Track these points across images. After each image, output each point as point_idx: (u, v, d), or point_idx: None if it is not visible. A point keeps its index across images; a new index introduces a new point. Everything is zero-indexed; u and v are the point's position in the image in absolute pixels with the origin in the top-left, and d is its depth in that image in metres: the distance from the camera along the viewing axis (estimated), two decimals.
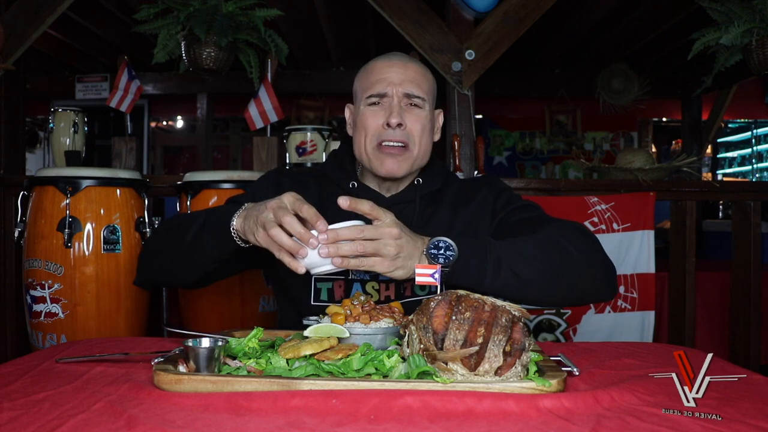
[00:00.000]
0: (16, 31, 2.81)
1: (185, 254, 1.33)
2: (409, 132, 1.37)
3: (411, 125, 1.37)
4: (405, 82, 1.37)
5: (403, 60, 1.41)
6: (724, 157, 7.77)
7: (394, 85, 1.36)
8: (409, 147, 1.37)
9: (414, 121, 1.37)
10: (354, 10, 4.08)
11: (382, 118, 1.36)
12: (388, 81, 1.37)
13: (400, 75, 1.37)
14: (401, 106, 1.37)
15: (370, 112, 1.38)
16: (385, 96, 1.37)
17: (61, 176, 2.31)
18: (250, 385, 0.89)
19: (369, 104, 1.39)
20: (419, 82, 1.38)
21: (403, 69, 1.38)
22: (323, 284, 1.41)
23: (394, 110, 1.35)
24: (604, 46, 4.91)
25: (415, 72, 1.39)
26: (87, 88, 4.96)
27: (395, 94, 1.36)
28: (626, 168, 2.88)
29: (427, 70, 1.43)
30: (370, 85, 1.39)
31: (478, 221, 1.44)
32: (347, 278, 1.40)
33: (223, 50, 2.69)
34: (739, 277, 2.94)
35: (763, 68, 2.64)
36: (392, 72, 1.37)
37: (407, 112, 1.37)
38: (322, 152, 3.12)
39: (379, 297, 1.39)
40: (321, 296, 1.41)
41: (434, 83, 1.45)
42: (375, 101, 1.38)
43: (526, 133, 7.02)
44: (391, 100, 1.37)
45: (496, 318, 0.93)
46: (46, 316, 2.28)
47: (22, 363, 1.09)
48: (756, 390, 0.96)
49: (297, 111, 6.20)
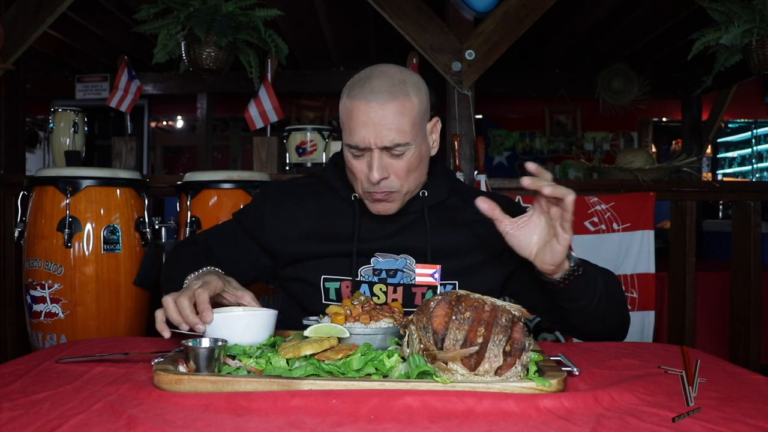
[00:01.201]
0: (16, 31, 2.81)
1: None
2: (393, 180, 1.32)
3: (395, 172, 1.31)
4: (383, 133, 1.26)
5: (383, 99, 1.26)
6: (724, 157, 7.78)
7: (372, 138, 1.27)
8: (398, 191, 1.33)
9: (397, 168, 1.31)
10: (354, 10, 4.08)
11: (365, 169, 1.31)
12: (365, 135, 1.27)
13: (378, 122, 1.26)
14: (382, 158, 1.28)
15: (353, 159, 1.33)
16: (366, 150, 1.29)
17: (61, 176, 2.31)
18: (250, 385, 0.89)
19: (351, 152, 1.32)
20: (400, 125, 1.27)
21: (382, 113, 1.26)
22: (331, 284, 1.41)
23: (374, 167, 1.27)
24: (604, 46, 4.91)
25: (393, 113, 1.26)
26: (87, 88, 4.96)
27: (375, 148, 1.27)
28: (626, 168, 2.89)
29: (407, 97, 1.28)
30: (350, 130, 1.30)
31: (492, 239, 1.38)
32: (354, 279, 1.39)
33: (223, 50, 2.69)
34: (739, 277, 2.94)
35: (763, 68, 2.64)
36: (369, 121, 1.26)
37: (390, 160, 1.29)
38: (322, 152, 3.12)
39: (386, 300, 1.39)
40: (330, 296, 1.41)
41: (421, 104, 1.32)
42: (356, 153, 1.31)
43: (526, 133, 7.02)
44: (371, 153, 1.28)
45: (496, 318, 0.93)
46: (46, 316, 2.28)
47: (22, 363, 1.09)
48: (756, 390, 0.96)
49: (297, 111, 6.20)
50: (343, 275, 1.40)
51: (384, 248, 1.40)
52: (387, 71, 1.32)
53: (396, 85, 1.28)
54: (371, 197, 1.34)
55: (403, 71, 1.34)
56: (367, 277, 1.40)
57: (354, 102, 1.28)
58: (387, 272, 1.40)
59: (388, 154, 1.29)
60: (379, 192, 1.32)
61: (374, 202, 1.35)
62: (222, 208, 2.46)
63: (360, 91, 1.28)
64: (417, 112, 1.30)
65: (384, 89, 1.27)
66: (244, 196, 2.49)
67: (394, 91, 1.27)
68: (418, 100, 1.31)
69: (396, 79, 1.30)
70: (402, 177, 1.32)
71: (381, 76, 1.30)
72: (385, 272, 1.40)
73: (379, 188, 1.31)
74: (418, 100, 1.31)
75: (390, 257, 1.40)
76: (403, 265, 1.39)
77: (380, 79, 1.29)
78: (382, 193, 1.32)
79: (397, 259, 1.40)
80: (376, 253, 1.40)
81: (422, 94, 1.33)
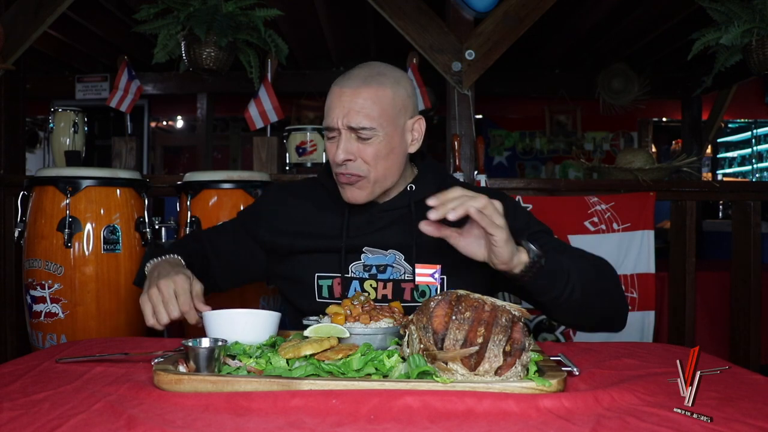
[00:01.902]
0: (16, 31, 2.81)
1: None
2: (360, 164, 1.35)
3: (361, 156, 1.35)
4: (351, 114, 1.31)
5: (356, 84, 1.33)
6: (724, 157, 7.77)
7: (340, 119, 1.33)
8: (363, 176, 1.36)
9: (365, 153, 1.34)
10: (354, 10, 4.08)
11: (335, 149, 1.35)
12: (334, 115, 1.33)
13: (347, 105, 1.32)
14: (348, 140, 1.34)
15: (327, 141, 1.39)
16: (334, 130, 1.35)
17: (61, 176, 2.31)
18: (250, 385, 0.89)
19: (326, 135, 1.38)
20: (368, 110, 1.31)
21: (352, 97, 1.32)
22: (324, 281, 1.43)
23: (339, 147, 1.33)
24: (604, 46, 4.91)
25: (364, 98, 1.32)
26: (87, 88, 4.96)
27: (342, 128, 1.33)
28: (626, 168, 2.88)
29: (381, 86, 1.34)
30: (325, 113, 1.37)
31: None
32: (344, 275, 1.42)
33: (223, 50, 2.69)
34: (739, 277, 2.93)
35: (763, 68, 2.64)
36: (340, 104, 1.33)
37: (357, 143, 1.34)
38: (322, 152, 3.12)
39: (376, 295, 1.41)
40: (323, 293, 1.43)
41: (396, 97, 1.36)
42: (329, 135, 1.37)
43: (526, 133, 7.02)
44: (339, 134, 1.35)
45: (496, 318, 0.93)
46: (46, 316, 2.28)
47: (22, 363, 1.09)
48: (756, 390, 0.96)
49: (297, 111, 6.20)
50: (335, 272, 1.43)
51: (372, 243, 1.43)
52: (371, 64, 1.40)
53: (372, 76, 1.35)
54: (339, 180, 1.39)
55: (389, 67, 1.40)
56: (358, 273, 1.42)
57: (332, 88, 1.37)
58: (377, 268, 1.42)
59: (355, 137, 1.34)
60: (346, 174, 1.36)
61: (344, 187, 1.39)
62: (222, 208, 2.46)
63: (340, 79, 1.37)
64: (389, 102, 1.35)
65: (360, 77, 1.34)
66: (244, 196, 2.49)
67: (368, 80, 1.34)
68: (392, 92, 1.35)
69: (375, 71, 1.36)
70: (369, 162, 1.35)
71: (363, 67, 1.38)
72: (375, 268, 1.42)
73: (345, 170, 1.35)
74: (392, 92, 1.35)
75: (379, 253, 1.42)
76: (393, 260, 1.41)
77: (360, 69, 1.37)
78: (349, 176, 1.36)
79: (386, 255, 1.42)
80: (364, 248, 1.42)
81: (400, 88, 1.37)
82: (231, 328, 1.09)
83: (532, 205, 2.73)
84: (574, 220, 2.75)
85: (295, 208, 1.51)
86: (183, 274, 1.26)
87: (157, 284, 1.22)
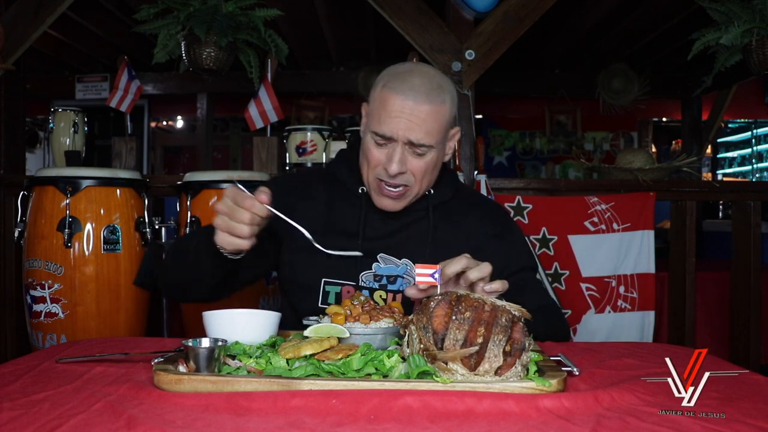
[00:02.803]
0: (16, 31, 2.81)
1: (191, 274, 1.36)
2: (408, 176, 1.35)
3: (412, 169, 1.34)
4: (413, 129, 1.29)
5: (419, 98, 1.29)
6: (724, 157, 7.78)
7: (401, 131, 1.30)
8: (409, 187, 1.36)
9: (415, 167, 1.33)
10: (354, 10, 4.08)
11: (384, 159, 1.33)
12: (395, 126, 1.30)
13: (410, 119, 1.29)
14: (404, 152, 1.31)
15: (374, 146, 1.34)
16: (390, 140, 1.31)
17: (61, 176, 2.31)
18: (250, 385, 0.89)
19: (374, 139, 1.34)
20: (429, 127, 1.30)
21: (414, 111, 1.29)
22: (332, 288, 1.41)
23: (395, 158, 1.31)
24: (604, 46, 4.91)
25: (427, 114, 1.29)
26: (87, 88, 4.96)
27: (400, 140, 1.30)
28: (626, 168, 2.88)
29: (442, 103, 1.32)
30: (379, 119, 1.32)
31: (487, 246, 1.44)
32: (357, 285, 1.40)
33: (223, 50, 2.69)
34: (739, 277, 2.93)
35: (763, 68, 2.64)
36: (402, 115, 1.29)
37: (410, 156, 1.32)
38: (322, 152, 3.12)
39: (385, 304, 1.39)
40: (329, 299, 1.41)
41: (449, 114, 1.35)
42: (380, 142, 1.33)
43: (526, 133, 7.02)
44: (396, 145, 1.31)
45: (496, 318, 0.93)
46: (46, 316, 2.28)
47: (22, 363, 1.09)
48: (756, 390, 0.96)
49: (297, 111, 6.20)
50: (345, 279, 1.40)
51: (387, 248, 1.41)
52: (428, 72, 1.36)
53: (434, 89, 1.32)
54: (381, 189, 1.36)
55: (441, 76, 1.38)
56: (368, 283, 1.40)
57: (390, 93, 1.31)
58: (387, 278, 1.40)
59: (410, 150, 1.32)
60: (393, 186, 1.34)
61: (381, 196, 1.37)
62: None
63: (399, 84, 1.31)
64: (446, 119, 1.34)
65: (423, 90, 1.30)
66: None
67: (431, 95, 1.31)
68: (449, 108, 1.35)
69: (435, 83, 1.33)
70: (418, 176, 1.35)
71: (422, 75, 1.33)
72: (385, 278, 1.40)
73: (393, 181, 1.34)
74: (450, 107, 1.35)
75: (392, 262, 1.41)
76: (404, 271, 1.40)
77: (420, 78, 1.32)
78: (395, 189, 1.35)
79: (398, 265, 1.41)
80: (378, 256, 1.41)
81: (454, 102, 1.37)
82: (231, 328, 1.09)
83: (532, 205, 2.74)
84: (574, 220, 2.75)
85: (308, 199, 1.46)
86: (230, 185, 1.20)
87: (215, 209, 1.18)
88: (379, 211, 1.41)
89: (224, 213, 1.16)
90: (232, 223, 1.16)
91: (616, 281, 2.75)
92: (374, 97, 1.35)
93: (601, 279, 2.75)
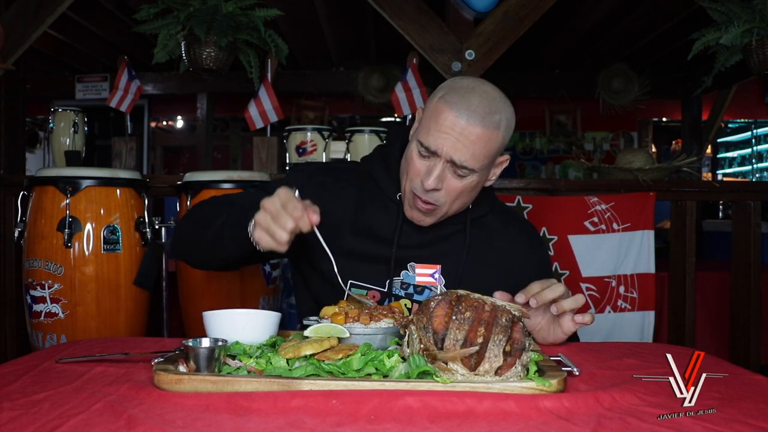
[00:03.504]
0: (16, 31, 2.81)
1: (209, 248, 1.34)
2: (442, 195, 1.31)
3: (447, 189, 1.30)
4: (459, 150, 1.25)
5: (474, 120, 1.25)
6: (724, 157, 7.78)
7: (446, 148, 1.26)
8: (440, 207, 1.33)
9: (452, 186, 1.30)
10: (354, 10, 4.08)
11: (424, 171, 1.30)
12: (442, 143, 1.26)
13: (458, 138, 1.25)
14: (444, 170, 1.28)
15: (417, 155, 1.30)
16: (434, 154, 1.27)
17: (61, 176, 2.31)
18: (250, 385, 0.89)
19: (419, 149, 1.30)
20: (476, 150, 1.26)
21: (464, 131, 1.25)
22: (357, 290, 1.38)
23: (434, 173, 1.27)
24: (604, 46, 4.91)
25: (477, 137, 1.25)
26: (87, 88, 4.96)
27: (443, 157, 1.26)
28: (626, 168, 2.88)
29: (495, 129, 1.27)
30: (428, 130, 1.28)
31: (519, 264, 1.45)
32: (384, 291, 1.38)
33: (223, 50, 2.69)
34: (739, 277, 2.93)
35: (763, 68, 2.64)
36: (452, 133, 1.25)
37: (450, 175, 1.29)
38: (322, 152, 3.12)
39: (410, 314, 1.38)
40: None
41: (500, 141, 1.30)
42: (424, 153, 1.29)
43: (526, 133, 7.02)
44: (438, 161, 1.27)
45: (496, 318, 0.93)
46: (46, 316, 2.28)
47: (22, 363, 1.09)
48: (756, 390, 0.96)
49: (297, 111, 6.20)
50: (373, 284, 1.38)
51: (420, 257, 1.38)
52: (489, 93, 1.30)
53: (491, 114, 1.27)
54: (413, 202, 1.34)
55: (503, 101, 1.31)
56: (395, 290, 1.38)
57: (445, 107, 1.27)
58: (415, 288, 1.39)
59: (451, 170, 1.28)
60: (423, 201, 1.32)
61: (412, 208, 1.35)
62: None
63: (457, 100, 1.27)
64: (496, 147, 1.30)
65: (479, 112, 1.25)
66: None
67: (486, 119, 1.26)
68: (502, 136, 1.30)
69: (493, 107, 1.28)
70: (451, 196, 1.32)
71: (482, 96, 1.28)
72: (412, 287, 1.39)
73: (425, 196, 1.31)
74: (503, 135, 1.30)
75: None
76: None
77: (480, 99, 1.27)
78: (425, 204, 1.32)
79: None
80: (409, 264, 1.39)
81: (509, 131, 1.32)
82: (231, 328, 1.09)
83: (532, 205, 2.74)
84: (574, 220, 2.75)
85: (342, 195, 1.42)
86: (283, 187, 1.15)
87: (262, 205, 1.13)
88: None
89: (270, 212, 1.12)
90: (273, 227, 1.11)
91: (616, 281, 2.75)
92: (429, 106, 1.31)
93: (601, 279, 2.75)
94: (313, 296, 1.46)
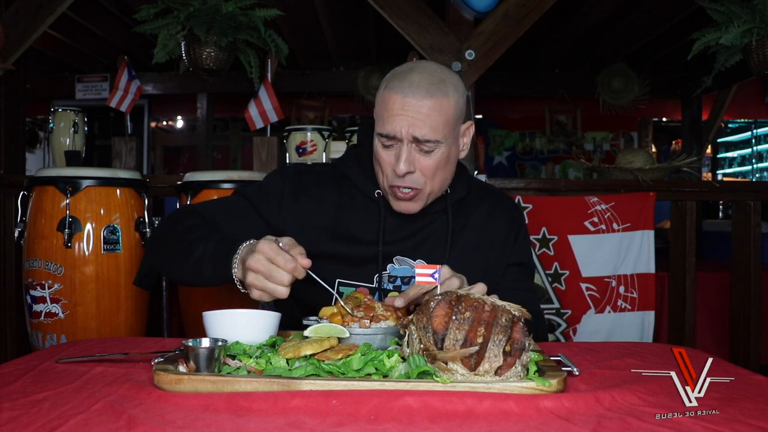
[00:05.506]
0: (16, 31, 2.81)
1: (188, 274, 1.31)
2: (418, 176, 1.31)
3: (422, 168, 1.31)
4: (417, 125, 1.26)
5: (420, 93, 1.26)
6: (724, 157, 7.78)
7: (404, 128, 1.26)
8: (420, 188, 1.33)
9: (425, 165, 1.30)
10: (354, 10, 4.08)
11: (393, 160, 1.30)
12: (398, 124, 1.27)
13: (412, 115, 1.26)
14: (411, 151, 1.29)
15: (382, 149, 1.32)
16: (395, 139, 1.28)
17: (61, 176, 2.31)
18: (250, 385, 0.89)
19: (380, 141, 1.32)
20: (433, 121, 1.26)
21: (415, 107, 1.26)
22: (345, 289, 1.38)
23: (402, 157, 1.28)
24: (604, 46, 4.91)
25: (429, 108, 1.26)
26: (87, 88, 4.96)
27: (405, 138, 1.27)
28: (626, 168, 2.88)
29: (445, 96, 1.28)
30: (382, 120, 1.29)
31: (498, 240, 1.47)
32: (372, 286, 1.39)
33: (223, 50, 2.69)
34: (739, 277, 2.93)
35: (763, 68, 2.64)
36: (404, 113, 1.26)
37: (418, 155, 1.29)
38: (322, 152, 3.12)
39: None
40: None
41: (455, 107, 1.30)
42: (386, 143, 1.30)
43: (526, 133, 7.02)
44: (401, 145, 1.28)
45: (496, 318, 0.93)
46: (46, 316, 2.28)
47: (22, 363, 1.09)
48: (756, 390, 0.96)
49: (297, 111, 6.20)
50: (361, 281, 1.39)
51: (405, 250, 1.40)
52: (428, 67, 1.32)
53: (435, 83, 1.28)
54: (395, 194, 1.34)
55: (444, 70, 1.34)
56: (384, 285, 1.39)
57: (390, 93, 1.28)
58: (402, 279, 1.39)
59: (417, 148, 1.29)
60: (404, 189, 1.32)
61: (398, 200, 1.35)
62: None
63: (398, 83, 1.28)
64: (452, 112, 1.30)
65: (422, 85, 1.27)
66: None
67: (432, 89, 1.27)
68: (455, 101, 1.30)
69: (436, 77, 1.29)
70: (428, 175, 1.32)
71: (421, 71, 1.30)
72: (400, 279, 1.39)
73: (403, 182, 1.31)
74: (455, 100, 1.30)
75: (407, 264, 1.40)
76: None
77: (420, 74, 1.29)
78: (406, 192, 1.33)
79: (412, 267, 1.39)
80: (395, 258, 1.40)
81: (460, 95, 1.33)
82: (231, 328, 1.09)
83: (532, 205, 2.74)
84: (574, 220, 2.75)
85: (322, 201, 1.42)
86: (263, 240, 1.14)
87: (249, 266, 1.12)
88: (396, 215, 1.39)
89: (261, 272, 1.11)
90: (270, 286, 1.11)
91: (616, 281, 2.75)
92: (378, 101, 1.33)
93: (601, 279, 2.75)
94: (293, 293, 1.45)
